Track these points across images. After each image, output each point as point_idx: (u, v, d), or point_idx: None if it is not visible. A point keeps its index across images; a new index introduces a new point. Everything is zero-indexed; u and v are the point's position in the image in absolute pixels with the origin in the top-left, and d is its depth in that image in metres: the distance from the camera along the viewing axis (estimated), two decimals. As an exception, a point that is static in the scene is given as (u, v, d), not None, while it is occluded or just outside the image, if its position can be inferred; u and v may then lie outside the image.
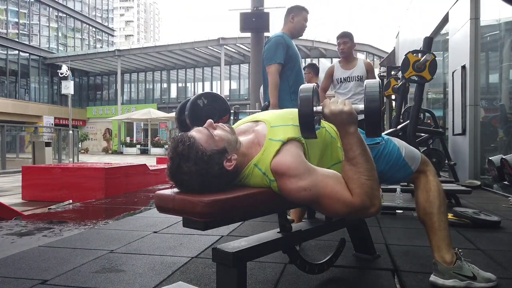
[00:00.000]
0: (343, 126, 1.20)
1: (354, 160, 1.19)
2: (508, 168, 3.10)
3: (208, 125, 1.24)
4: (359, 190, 1.17)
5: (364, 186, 1.17)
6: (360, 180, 1.17)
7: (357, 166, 1.18)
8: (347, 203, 1.17)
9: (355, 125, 1.21)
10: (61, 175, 5.07)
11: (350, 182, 1.18)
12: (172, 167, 1.18)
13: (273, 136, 1.26)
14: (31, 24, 29.80)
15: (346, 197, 1.17)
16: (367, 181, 1.17)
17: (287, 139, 1.24)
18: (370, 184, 1.17)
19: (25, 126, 19.88)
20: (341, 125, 1.21)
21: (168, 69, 29.15)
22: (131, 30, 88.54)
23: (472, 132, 5.10)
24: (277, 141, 1.23)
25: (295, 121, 1.31)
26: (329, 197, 1.17)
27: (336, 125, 1.22)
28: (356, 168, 1.18)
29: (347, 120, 1.19)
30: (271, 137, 1.25)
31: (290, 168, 1.17)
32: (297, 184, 1.16)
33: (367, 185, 1.17)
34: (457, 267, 1.45)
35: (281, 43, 2.75)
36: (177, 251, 2.08)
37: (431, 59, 3.63)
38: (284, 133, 1.26)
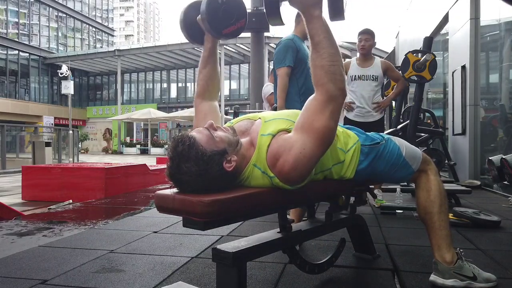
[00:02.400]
0: (307, 9, 1.20)
1: (319, 46, 1.19)
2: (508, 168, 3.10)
3: (209, 126, 1.24)
4: (325, 78, 1.18)
5: (329, 73, 1.18)
6: (324, 67, 1.18)
7: (322, 51, 1.19)
8: (323, 106, 1.18)
9: (319, 7, 1.20)
10: (61, 175, 5.06)
11: (316, 71, 1.20)
12: (172, 167, 1.18)
13: (264, 131, 1.27)
14: (31, 24, 29.81)
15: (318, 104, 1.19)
16: (331, 67, 1.18)
17: (277, 131, 1.25)
18: (333, 69, 1.19)
19: (25, 126, 19.89)
20: (305, 8, 1.20)
21: (168, 69, 29.15)
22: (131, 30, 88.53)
23: (472, 132, 5.10)
24: (267, 135, 1.24)
25: (291, 116, 1.32)
26: (316, 127, 1.18)
27: (301, 9, 1.21)
28: (320, 54, 1.19)
29: (311, 1, 1.19)
30: (262, 133, 1.26)
31: (278, 151, 1.19)
32: (292, 156, 1.17)
33: (330, 71, 1.18)
34: (458, 267, 1.45)
35: (290, 46, 2.75)
36: (177, 251, 2.08)
37: (431, 59, 3.63)
38: (275, 126, 1.27)
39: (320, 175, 1.37)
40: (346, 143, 1.46)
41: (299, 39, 2.83)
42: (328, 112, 1.18)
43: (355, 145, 1.46)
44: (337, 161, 1.41)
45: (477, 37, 5.08)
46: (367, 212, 3.18)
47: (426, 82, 3.82)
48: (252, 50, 7.54)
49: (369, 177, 1.52)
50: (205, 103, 1.57)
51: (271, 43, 20.28)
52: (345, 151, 1.44)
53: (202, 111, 1.56)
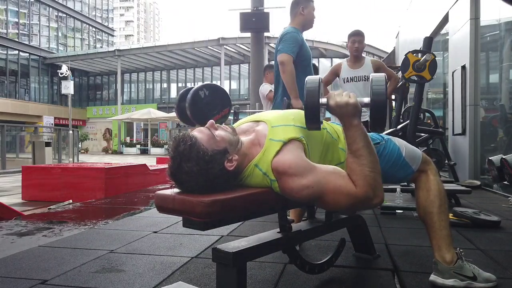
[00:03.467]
0: (347, 118, 1.21)
1: (357, 153, 1.20)
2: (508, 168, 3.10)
3: (209, 125, 1.25)
4: (362, 181, 1.17)
5: (368, 177, 1.17)
6: (364, 172, 1.18)
7: (360, 158, 1.19)
8: (351, 195, 1.17)
9: (359, 117, 1.22)
10: (61, 175, 5.06)
11: (353, 174, 1.19)
12: (173, 166, 1.18)
13: (273, 136, 1.26)
14: (31, 24, 29.81)
15: (350, 189, 1.18)
16: (371, 173, 1.18)
17: (288, 139, 1.24)
18: (373, 176, 1.18)
19: (25, 126, 19.90)
20: (345, 117, 1.21)
21: (168, 69, 29.15)
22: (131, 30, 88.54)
23: (472, 132, 5.09)
24: (278, 141, 1.23)
25: (296, 121, 1.31)
26: (333, 191, 1.18)
27: (340, 117, 1.23)
28: (359, 160, 1.19)
29: (351, 112, 1.20)
30: (271, 137, 1.26)
31: (291, 167, 1.18)
32: (300, 182, 1.16)
33: (370, 177, 1.18)
34: (458, 267, 1.45)
35: (298, 39, 2.68)
36: (177, 251, 2.08)
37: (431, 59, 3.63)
38: (285, 133, 1.26)
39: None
40: (346, 144, 1.46)
41: (300, 33, 2.81)
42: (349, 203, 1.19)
43: (356, 145, 1.46)
44: (338, 162, 1.41)
45: (477, 37, 5.08)
46: (367, 212, 3.18)
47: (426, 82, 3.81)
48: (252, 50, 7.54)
49: (369, 177, 1.52)
50: None
51: (271, 43, 20.28)
52: (345, 152, 1.44)
53: None
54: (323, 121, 1.41)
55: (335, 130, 1.48)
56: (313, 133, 1.35)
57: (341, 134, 1.46)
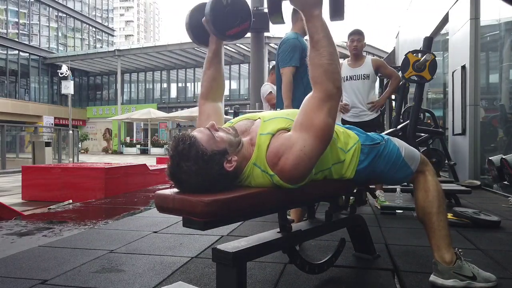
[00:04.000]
0: (308, 8, 1.22)
1: (318, 44, 1.21)
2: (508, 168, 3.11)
3: (210, 126, 1.25)
4: (323, 77, 1.21)
5: (327, 72, 1.21)
6: (323, 65, 1.21)
7: (321, 50, 1.21)
8: (321, 104, 1.20)
9: (319, 7, 1.22)
10: (61, 175, 5.06)
11: (315, 69, 1.22)
12: (172, 165, 1.18)
13: (263, 130, 1.27)
14: (31, 24, 29.81)
15: (315, 102, 1.21)
16: (329, 65, 1.21)
17: (276, 130, 1.26)
18: (332, 68, 1.21)
19: (25, 126, 19.89)
20: (306, 8, 1.22)
21: (168, 69, 29.14)
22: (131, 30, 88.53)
23: (472, 132, 5.09)
24: (266, 135, 1.25)
25: (290, 115, 1.32)
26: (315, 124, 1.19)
27: (301, 8, 1.23)
28: (319, 53, 1.21)
29: (312, 1, 1.21)
30: (261, 132, 1.27)
31: (279, 150, 1.20)
32: (293, 154, 1.17)
33: (329, 70, 1.21)
34: (457, 267, 1.45)
35: (297, 46, 2.70)
36: (177, 251, 2.08)
37: (431, 59, 3.63)
38: (274, 125, 1.28)
39: (320, 175, 1.37)
40: (346, 143, 1.46)
41: (301, 37, 2.82)
42: (326, 109, 1.20)
43: (356, 145, 1.46)
44: (337, 161, 1.41)
45: (477, 37, 5.08)
46: (367, 212, 3.18)
47: (426, 82, 3.82)
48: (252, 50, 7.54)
49: (369, 177, 1.52)
50: (208, 104, 1.58)
51: (271, 43, 20.28)
52: (345, 151, 1.44)
53: (205, 112, 1.56)
54: None
55: (335, 131, 1.48)
56: None
57: (340, 134, 1.46)
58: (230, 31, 1.51)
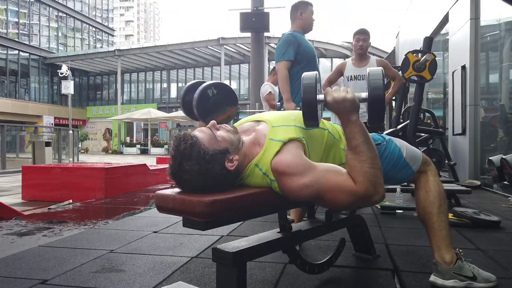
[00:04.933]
0: (345, 114, 1.20)
1: (357, 149, 1.19)
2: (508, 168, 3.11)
3: (211, 125, 1.25)
4: (362, 178, 1.16)
5: (368, 174, 1.16)
6: (363, 168, 1.17)
7: (360, 154, 1.18)
8: (351, 192, 1.16)
9: (357, 113, 1.21)
10: (61, 175, 5.06)
11: (353, 171, 1.18)
12: (173, 165, 1.18)
13: (274, 136, 1.26)
14: (31, 24, 29.80)
15: (349, 186, 1.17)
16: (371, 169, 1.17)
17: (288, 139, 1.24)
18: (373, 172, 1.17)
19: (25, 126, 19.87)
20: (343, 113, 1.21)
21: (168, 69, 29.14)
22: (131, 30, 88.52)
23: (472, 132, 5.09)
24: (278, 141, 1.23)
25: (296, 122, 1.31)
26: (333, 189, 1.17)
27: (338, 113, 1.22)
28: (359, 157, 1.18)
29: (349, 108, 1.19)
30: (272, 137, 1.26)
31: (290, 166, 1.17)
32: (299, 181, 1.16)
33: (370, 173, 1.16)
34: (457, 267, 1.45)
35: (291, 40, 2.74)
36: (177, 251, 2.08)
37: (431, 59, 3.63)
38: (285, 133, 1.26)
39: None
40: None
41: (299, 33, 2.83)
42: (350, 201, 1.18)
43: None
44: (340, 162, 1.41)
45: (477, 37, 5.08)
46: (367, 212, 3.18)
47: (426, 82, 3.82)
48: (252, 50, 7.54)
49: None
50: None
51: (271, 43, 20.28)
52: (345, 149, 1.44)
53: None
54: (323, 121, 1.41)
55: (337, 131, 1.48)
56: (314, 134, 1.35)
57: (342, 135, 1.46)
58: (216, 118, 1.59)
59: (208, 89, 1.60)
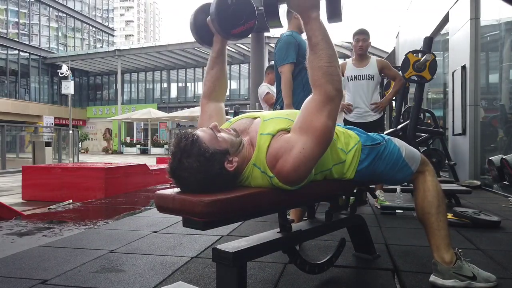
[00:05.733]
0: (306, 11, 1.22)
1: (316, 47, 1.21)
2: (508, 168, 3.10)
3: (213, 127, 1.25)
4: (323, 79, 1.20)
5: (326, 74, 1.20)
6: (322, 68, 1.20)
7: (319, 53, 1.21)
8: (321, 106, 1.19)
9: (317, 10, 1.22)
10: (61, 175, 5.06)
11: (314, 72, 1.21)
12: (173, 162, 1.18)
13: (263, 130, 1.27)
14: (31, 24, 29.79)
15: (318, 105, 1.20)
16: (329, 68, 1.20)
17: (277, 130, 1.25)
18: (331, 70, 1.20)
19: (25, 126, 19.87)
20: (303, 9, 1.22)
21: (168, 69, 29.14)
22: (131, 30, 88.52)
23: (472, 132, 5.09)
24: (267, 135, 1.25)
25: (290, 116, 1.32)
26: (315, 127, 1.18)
27: (299, 11, 1.23)
28: (318, 55, 1.21)
29: (310, 4, 1.21)
30: (261, 132, 1.27)
31: (278, 152, 1.20)
32: (290, 157, 1.17)
33: (328, 72, 1.20)
34: (457, 267, 1.45)
35: (291, 42, 2.69)
36: (177, 251, 2.08)
37: (431, 59, 3.63)
38: (274, 125, 1.27)
39: (319, 176, 1.37)
40: (347, 143, 1.46)
41: (297, 34, 2.82)
42: (326, 112, 1.19)
43: (356, 145, 1.46)
44: (337, 161, 1.41)
45: (477, 37, 5.08)
46: (367, 212, 3.18)
47: (426, 82, 3.82)
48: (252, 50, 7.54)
49: (369, 177, 1.52)
50: (211, 104, 1.58)
51: (271, 43, 20.25)
52: (346, 151, 1.44)
53: (207, 112, 1.56)
54: None
55: (336, 131, 1.48)
56: None
57: (340, 134, 1.46)
58: (235, 30, 1.52)
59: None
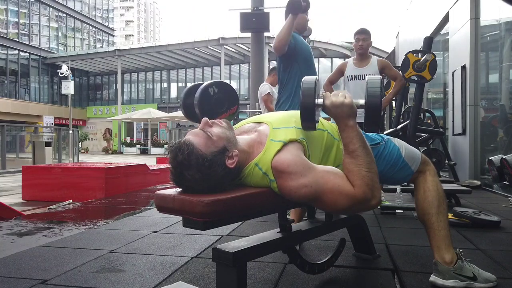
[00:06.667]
0: (342, 119, 1.22)
1: (354, 153, 1.20)
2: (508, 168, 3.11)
3: (204, 124, 1.24)
4: (360, 181, 1.17)
5: (365, 178, 1.18)
6: (361, 172, 1.18)
7: (357, 159, 1.20)
8: (349, 196, 1.17)
9: (354, 118, 1.23)
10: (61, 175, 5.06)
11: (351, 175, 1.19)
12: (175, 174, 1.18)
13: (274, 137, 1.26)
14: (31, 24, 29.78)
15: (348, 189, 1.18)
16: (368, 174, 1.18)
17: (289, 140, 1.24)
18: (370, 176, 1.18)
19: (25, 126, 19.87)
20: (341, 118, 1.22)
21: (168, 69, 29.14)
22: (131, 30, 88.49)
23: (472, 132, 5.09)
24: (278, 142, 1.24)
25: (297, 123, 1.31)
26: (331, 191, 1.18)
27: (336, 117, 1.24)
28: (356, 161, 1.19)
29: (347, 113, 1.21)
30: (272, 138, 1.26)
31: (290, 166, 1.18)
32: (298, 181, 1.17)
33: (368, 177, 1.18)
34: (458, 267, 1.45)
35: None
36: (177, 251, 2.08)
37: (431, 59, 3.63)
38: (285, 134, 1.27)
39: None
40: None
41: (295, 33, 2.81)
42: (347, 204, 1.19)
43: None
44: (340, 163, 1.41)
45: (477, 37, 5.08)
46: (367, 212, 3.18)
47: (426, 82, 3.82)
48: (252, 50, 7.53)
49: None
50: None
51: (271, 43, 20.24)
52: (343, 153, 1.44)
53: None
54: (322, 122, 1.42)
55: (337, 131, 1.48)
56: (314, 135, 1.35)
57: (340, 135, 1.46)
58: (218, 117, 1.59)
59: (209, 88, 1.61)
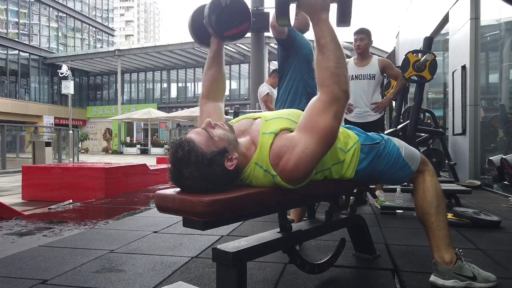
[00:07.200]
0: (316, 12, 1.23)
1: (324, 48, 1.21)
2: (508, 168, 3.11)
3: (206, 124, 1.24)
4: (330, 80, 1.20)
5: (334, 75, 1.20)
6: (329, 68, 1.20)
7: (327, 53, 1.21)
8: (327, 107, 1.19)
9: (327, 11, 1.24)
10: (61, 175, 5.06)
11: (321, 72, 1.22)
12: (173, 172, 1.18)
13: (266, 129, 1.27)
14: (31, 24, 29.78)
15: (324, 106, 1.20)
16: (336, 69, 1.20)
17: (280, 129, 1.25)
18: (338, 71, 1.20)
19: (25, 126, 19.87)
20: (314, 11, 1.23)
21: (168, 69, 29.13)
22: (131, 30, 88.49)
23: (472, 132, 5.09)
24: (269, 134, 1.25)
25: (291, 116, 1.32)
26: (319, 127, 1.18)
27: (309, 11, 1.24)
28: (326, 56, 1.21)
29: (320, 4, 1.22)
30: (264, 131, 1.27)
31: (281, 150, 1.19)
32: (295, 155, 1.17)
33: (336, 73, 1.20)
34: (457, 267, 1.45)
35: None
36: (177, 251, 2.08)
37: (431, 59, 3.63)
38: (277, 124, 1.28)
39: (319, 175, 1.37)
40: (346, 143, 1.46)
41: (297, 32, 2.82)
42: (332, 113, 1.19)
43: (356, 145, 1.46)
44: (336, 161, 1.41)
45: (477, 37, 5.08)
46: (367, 212, 3.18)
47: (426, 82, 3.82)
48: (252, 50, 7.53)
49: (369, 177, 1.52)
50: (209, 104, 1.58)
51: (271, 43, 20.26)
52: (345, 151, 1.44)
53: (206, 111, 1.56)
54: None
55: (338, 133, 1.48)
56: None
57: (339, 134, 1.46)
58: (229, 32, 1.54)
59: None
